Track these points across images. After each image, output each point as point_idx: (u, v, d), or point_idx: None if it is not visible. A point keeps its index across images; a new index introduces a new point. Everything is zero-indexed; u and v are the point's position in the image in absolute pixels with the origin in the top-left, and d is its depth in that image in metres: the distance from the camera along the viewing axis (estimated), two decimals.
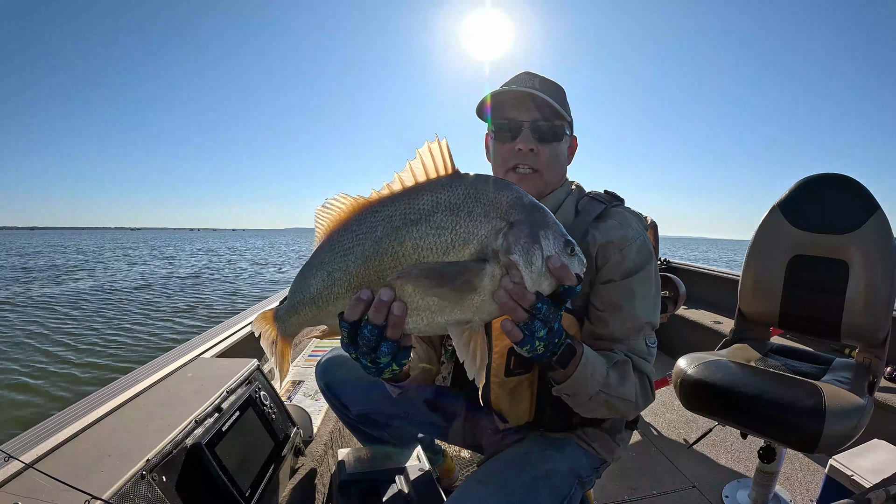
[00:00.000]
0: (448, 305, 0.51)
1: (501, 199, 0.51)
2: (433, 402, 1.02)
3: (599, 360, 0.72)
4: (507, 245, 0.49)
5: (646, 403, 0.79)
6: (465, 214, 0.50)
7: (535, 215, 0.51)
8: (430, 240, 0.50)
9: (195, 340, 1.41)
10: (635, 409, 0.77)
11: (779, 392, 1.04)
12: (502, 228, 0.50)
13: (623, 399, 0.73)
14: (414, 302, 0.51)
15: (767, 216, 1.37)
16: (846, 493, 1.10)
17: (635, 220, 0.84)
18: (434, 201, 0.51)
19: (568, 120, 0.85)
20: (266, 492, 0.92)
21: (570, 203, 0.86)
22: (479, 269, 0.49)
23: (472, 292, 0.50)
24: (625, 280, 0.79)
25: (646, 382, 0.78)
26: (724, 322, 2.43)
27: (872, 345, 1.20)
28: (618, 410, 0.76)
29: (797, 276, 1.31)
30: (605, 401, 0.72)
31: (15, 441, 0.77)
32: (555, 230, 0.51)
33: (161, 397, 0.97)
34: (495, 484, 0.73)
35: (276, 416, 1.11)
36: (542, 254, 0.49)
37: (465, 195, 0.51)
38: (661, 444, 1.70)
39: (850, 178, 1.25)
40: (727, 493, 1.40)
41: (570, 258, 0.52)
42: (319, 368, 1.11)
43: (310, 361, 1.86)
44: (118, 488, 0.65)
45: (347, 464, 1.08)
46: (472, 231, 0.50)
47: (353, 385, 1.07)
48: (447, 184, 0.51)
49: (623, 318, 0.79)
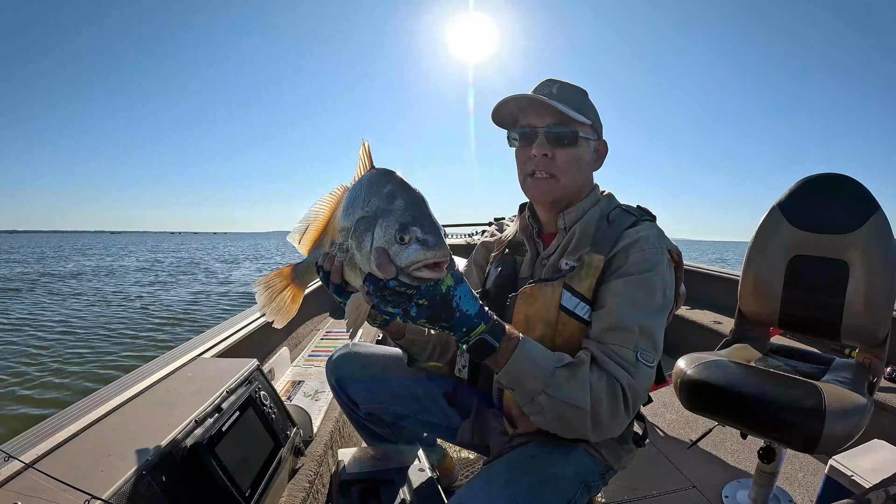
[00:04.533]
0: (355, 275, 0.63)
1: (373, 191, 0.60)
2: (453, 396, 1.03)
3: (547, 358, 0.68)
4: (356, 231, 0.60)
5: (613, 419, 0.68)
6: (356, 203, 0.62)
7: (383, 205, 0.58)
8: (343, 222, 0.64)
9: (195, 340, 1.41)
10: (594, 422, 0.67)
11: (779, 392, 1.04)
12: (361, 216, 0.60)
13: (570, 405, 0.66)
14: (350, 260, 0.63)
15: (767, 216, 1.36)
16: (846, 493, 1.10)
17: (657, 236, 0.79)
18: (351, 191, 0.65)
19: (589, 124, 0.83)
20: (266, 492, 0.92)
21: (596, 212, 0.85)
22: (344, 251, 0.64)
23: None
24: (618, 280, 0.75)
25: (617, 393, 0.68)
26: (724, 322, 2.43)
27: (872, 345, 1.20)
28: (570, 422, 0.68)
29: (797, 276, 1.31)
30: (553, 406, 0.67)
31: (15, 441, 0.77)
32: (394, 219, 0.55)
33: (161, 397, 0.97)
34: (500, 485, 0.72)
35: (276, 416, 1.11)
36: (372, 241, 0.56)
37: (361, 187, 0.62)
38: (661, 444, 1.70)
39: (850, 178, 1.25)
40: (727, 493, 1.40)
41: (400, 246, 0.54)
42: (330, 364, 1.11)
43: (310, 361, 1.86)
44: (118, 488, 0.65)
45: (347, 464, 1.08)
46: (353, 217, 0.61)
47: (364, 382, 1.07)
48: (360, 179, 0.64)
49: (605, 316, 0.74)
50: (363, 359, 1.10)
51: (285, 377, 1.68)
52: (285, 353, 1.75)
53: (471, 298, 0.62)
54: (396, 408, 1.06)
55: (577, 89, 0.84)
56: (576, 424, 0.68)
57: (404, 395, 1.05)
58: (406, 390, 1.05)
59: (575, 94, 0.84)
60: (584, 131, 0.83)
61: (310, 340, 2.18)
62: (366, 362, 1.09)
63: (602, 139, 0.89)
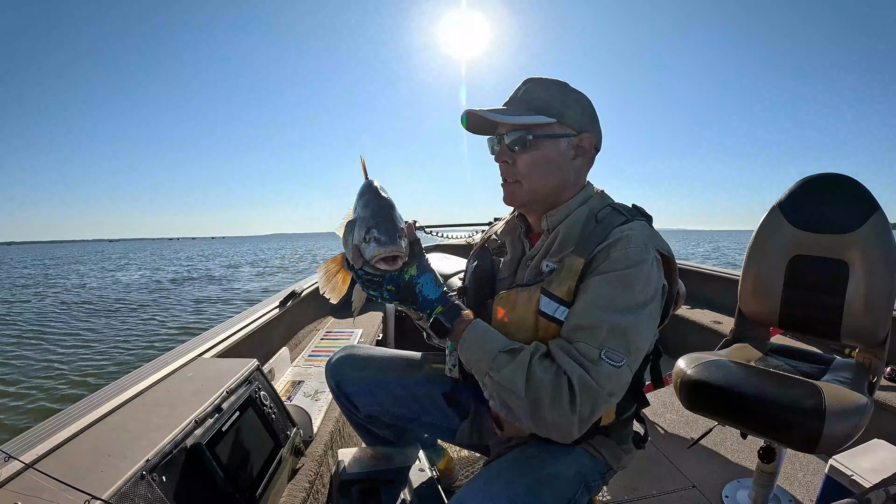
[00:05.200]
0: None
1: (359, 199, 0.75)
2: (451, 396, 1.03)
3: (495, 342, 0.71)
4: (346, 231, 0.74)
5: (554, 412, 0.65)
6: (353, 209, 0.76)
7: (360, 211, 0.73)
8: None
9: (195, 340, 1.41)
10: (533, 413, 0.66)
11: (779, 392, 1.04)
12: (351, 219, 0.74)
13: (509, 389, 0.67)
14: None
15: (767, 216, 1.36)
16: (846, 493, 1.10)
17: (645, 235, 0.75)
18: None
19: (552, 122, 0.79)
20: (266, 492, 0.92)
21: (583, 212, 0.82)
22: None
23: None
24: (595, 278, 0.72)
25: (562, 387, 0.65)
26: (724, 322, 2.43)
27: (872, 345, 1.20)
28: (513, 410, 0.68)
29: (797, 276, 1.31)
30: (497, 389, 0.68)
31: (15, 441, 0.77)
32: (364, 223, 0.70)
33: (161, 397, 0.97)
34: (499, 485, 0.72)
35: (276, 416, 1.11)
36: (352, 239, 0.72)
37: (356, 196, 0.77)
38: (661, 444, 1.70)
39: (850, 177, 1.25)
40: (727, 493, 1.40)
41: (365, 244, 0.69)
42: (329, 367, 1.10)
43: (310, 361, 1.86)
44: (118, 488, 0.65)
45: (347, 464, 1.08)
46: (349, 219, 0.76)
47: (364, 385, 1.06)
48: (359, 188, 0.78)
49: (574, 315, 0.71)
50: (362, 361, 1.09)
51: (285, 377, 1.68)
52: (285, 353, 1.75)
53: (433, 286, 0.75)
54: (396, 409, 1.06)
55: (550, 86, 0.81)
56: (518, 413, 0.68)
57: (404, 396, 1.05)
58: (405, 392, 1.04)
59: (545, 91, 0.81)
60: (547, 130, 0.80)
61: (310, 340, 2.18)
62: (364, 364, 1.08)
63: (586, 133, 0.82)
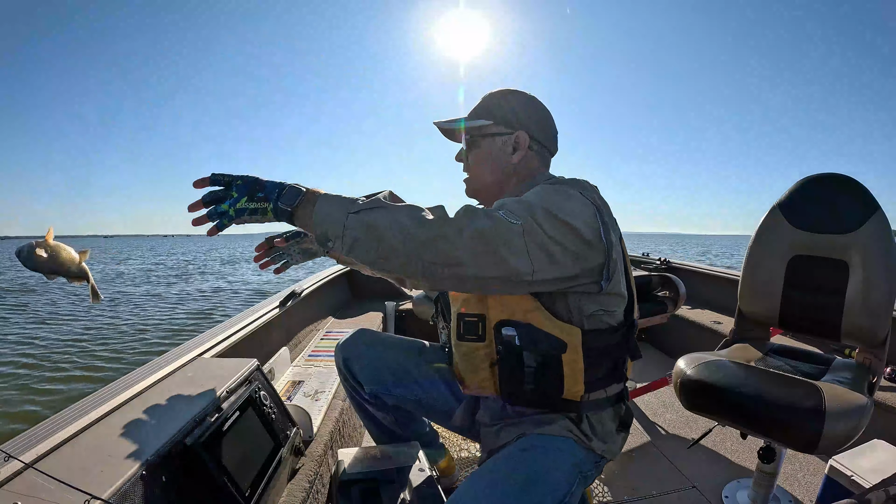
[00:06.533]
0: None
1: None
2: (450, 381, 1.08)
3: (349, 203, 0.70)
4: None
5: (414, 220, 0.66)
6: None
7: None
8: None
9: (195, 340, 1.41)
10: (402, 229, 0.65)
11: (779, 392, 1.04)
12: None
13: (377, 217, 0.66)
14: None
15: (767, 216, 1.37)
16: (846, 493, 1.10)
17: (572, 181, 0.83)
18: None
19: (489, 123, 0.91)
20: (266, 492, 0.92)
21: (527, 187, 0.89)
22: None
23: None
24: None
25: (437, 210, 0.69)
26: (724, 322, 2.43)
27: (872, 345, 1.20)
28: (381, 237, 0.65)
29: (797, 276, 1.31)
30: (360, 227, 0.66)
31: (15, 441, 0.77)
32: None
33: (161, 397, 0.97)
34: (495, 481, 0.74)
35: (276, 416, 1.11)
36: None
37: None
38: (661, 444, 1.70)
39: (849, 177, 1.25)
40: (727, 493, 1.40)
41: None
42: (340, 346, 1.18)
43: (310, 362, 1.86)
44: (118, 488, 0.64)
45: (347, 464, 1.08)
46: None
47: (368, 360, 1.13)
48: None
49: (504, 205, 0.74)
50: (368, 337, 1.18)
51: (285, 377, 1.68)
52: (285, 353, 1.75)
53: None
54: (397, 390, 1.11)
55: (496, 94, 0.94)
56: (383, 232, 0.66)
57: (406, 377, 1.11)
58: (406, 372, 1.11)
59: (491, 99, 0.94)
60: (485, 131, 0.92)
61: (310, 341, 2.18)
62: (371, 343, 1.16)
63: (521, 130, 0.90)
